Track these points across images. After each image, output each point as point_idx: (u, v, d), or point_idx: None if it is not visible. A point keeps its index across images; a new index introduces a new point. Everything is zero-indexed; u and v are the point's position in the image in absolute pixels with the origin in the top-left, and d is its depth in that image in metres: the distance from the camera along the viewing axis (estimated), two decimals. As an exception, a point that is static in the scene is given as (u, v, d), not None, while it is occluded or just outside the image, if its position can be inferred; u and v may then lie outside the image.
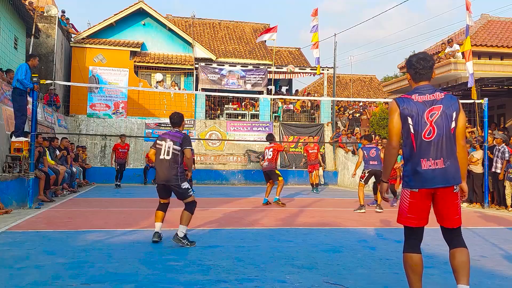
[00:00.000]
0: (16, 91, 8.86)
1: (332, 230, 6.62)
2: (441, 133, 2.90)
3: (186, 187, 5.27)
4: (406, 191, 2.98)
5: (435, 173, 2.87)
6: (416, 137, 2.92)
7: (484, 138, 10.84)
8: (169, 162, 5.18)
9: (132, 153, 17.82)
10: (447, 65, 16.20)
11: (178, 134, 5.35)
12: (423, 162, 2.89)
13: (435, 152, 2.89)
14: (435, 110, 2.91)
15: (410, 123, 2.93)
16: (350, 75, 34.73)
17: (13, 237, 5.52)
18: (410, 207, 2.95)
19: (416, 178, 2.91)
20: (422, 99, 2.95)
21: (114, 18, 19.33)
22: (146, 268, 4.03)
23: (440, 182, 2.87)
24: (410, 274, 2.97)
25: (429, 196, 2.93)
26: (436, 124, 2.90)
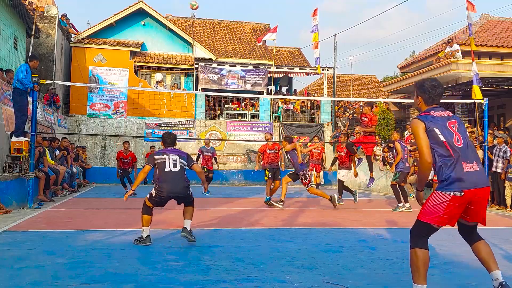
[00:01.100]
0: (16, 91, 8.87)
1: (332, 230, 6.62)
2: (465, 141, 3.15)
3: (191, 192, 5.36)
4: (447, 195, 3.06)
5: (477, 174, 3.08)
6: (448, 143, 3.11)
7: (484, 138, 10.83)
8: (179, 174, 5.08)
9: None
10: (447, 65, 16.20)
11: (180, 151, 5.34)
12: (465, 165, 3.08)
13: (469, 156, 3.12)
14: (453, 123, 3.18)
15: (438, 133, 3.12)
16: (350, 75, 34.72)
17: (13, 237, 5.52)
18: (447, 210, 3.06)
19: (461, 181, 3.03)
20: (440, 115, 3.21)
21: (114, 18, 19.33)
22: (146, 268, 4.03)
23: (482, 183, 3.09)
24: (422, 268, 3.07)
25: (468, 201, 3.08)
26: (460, 133, 3.16)
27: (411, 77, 19.24)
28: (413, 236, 3.18)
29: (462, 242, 5.79)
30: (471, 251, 4.88)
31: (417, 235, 3.17)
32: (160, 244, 5.21)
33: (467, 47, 15.13)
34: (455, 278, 3.94)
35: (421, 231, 3.16)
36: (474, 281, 3.84)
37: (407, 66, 22.55)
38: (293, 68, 20.96)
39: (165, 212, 8.50)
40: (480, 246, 3.19)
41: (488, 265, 3.16)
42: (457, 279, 3.93)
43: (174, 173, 5.08)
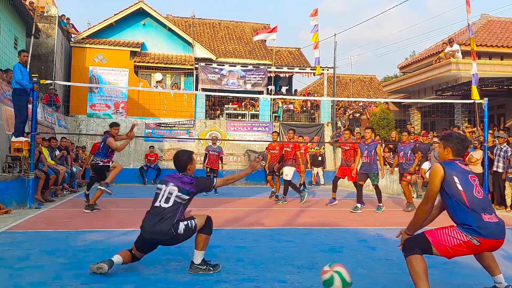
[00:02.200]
0: (16, 91, 8.87)
1: (332, 230, 6.62)
2: (485, 196, 3.23)
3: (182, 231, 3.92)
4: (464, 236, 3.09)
5: (496, 226, 3.11)
6: (466, 193, 3.15)
7: (484, 138, 10.83)
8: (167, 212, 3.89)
9: (132, 153, 17.83)
10: (447, 65, 16.20)
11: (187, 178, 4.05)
12: (483, 215, 3.11)
13: (488, 208, 3.16)
14: (474, 178, 3.27)
15: (457, 181, 3.18)
16: (350, 75, 34.72)
17: (13, 237, 5.52)
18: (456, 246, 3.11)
19: (482, 229, 3.06)
20: (464, 167, 3.30)
21: (114, 18, 19.33)
22: (146, 268, 4.03)
23: (502, 234, 3.13)
24: (423, 274, 3.08)
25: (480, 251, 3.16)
26: (480, 187, 3.23)
27: (411, 77, 19.25)
28: (409, 245, 3.24)
29: (462, 242, 5.78)
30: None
31: (413, 246, 3.21)
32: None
33: (467, 47, 15.13)
34: (455, 278, 3.94)
35: (419, 245, 3.20)
36: (474, 281, 3.84)
37: (407, 66, 22.55)
38: (293, 68, 20.96)
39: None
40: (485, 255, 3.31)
41: (492, 270, 3.33)
42: (457, 279, 3.93)
43: (161, 210, 3.89)
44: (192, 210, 4.30)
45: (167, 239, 3.86)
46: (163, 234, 3.81)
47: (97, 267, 3.78)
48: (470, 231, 3.07)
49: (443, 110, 16.50)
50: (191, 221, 3.93)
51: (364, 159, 9.23)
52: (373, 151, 9.17)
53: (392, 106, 21.56)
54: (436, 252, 3.16)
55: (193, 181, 3.99)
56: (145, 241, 3.94)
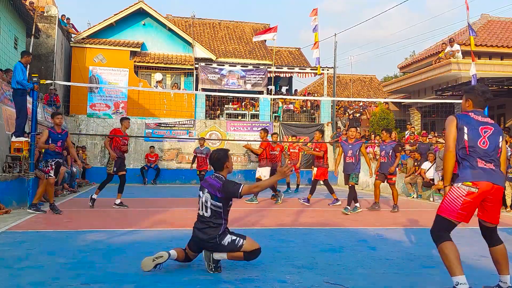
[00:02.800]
0: (17, 91, 8.88)
1: (332, 230, 6.62)
2: (492, 147, 3.36)
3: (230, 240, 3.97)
4: (463, 189, 3.28)
5: (491, 172, 3.28)
6: (469, 141, 3.34)
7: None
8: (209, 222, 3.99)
9: (132, 153, 17.82)
10: (447, 65, 16.20)
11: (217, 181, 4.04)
12: (480, 161, 3.31)
13: (487, 157, 3.33)
14: (487, 129, 3.40)
15: (465, 132, 3.37)
16: (350, 75, 34.72)
17: (13, 237, 5.52)
18: (464, 204, 3.24)
19: (477, 174, 3.27)
20: (477, 118, 3.43)
21: (114, 18, 19.33)
22: (146, 268, 4.03)
23: (497, 181, 3.27)
24: (453, 259, 3.18)
25: (485, 195, 3.26)
26: (489, 139, 3.37)
27: (411, 77, 19.25)
28: (435, 232, 3.34)
29: (462, 242, 5.79)
30: (472, 251, 4.89)
31: (438, 230, 3.32)
32: (160, 244, 5.20)
33: (467, 47, 15.13)
34: (455, 278, 3.94)
35: (441, 226, 3.31)
36: (474, 281, 3.84)
37: (407, 66, 22.55)
38: (293, 68, 20.96)
39: (165, 212, 8.51)
40: (498, 249, 3.40)
41: (501, 268, 3.37)
42: (457, 279, 3.92)
43: (204, 219, 4.00)
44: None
45: (210, 246, 3.94)
46: (207, 241, 3.93)
47: (155, 257, 3.90)
48: (467, 177, 3.28)
49: (443, 110, 16.51)
50: (239, 239, 3.96)
51: (349, 159, 8.96)
52: (358, 151, 8.94)
53: (392, 106, 21.56)
54: (456, 221, 3.28)
55: (220, 187, 3.96)
56: (194, 242, 4.05)
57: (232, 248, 3.91)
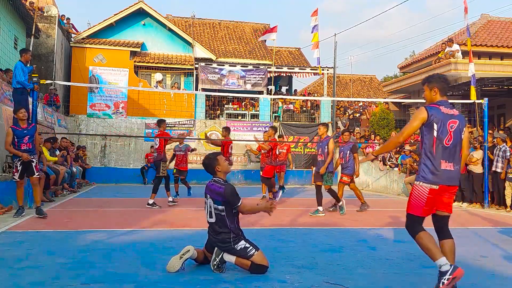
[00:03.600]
0: (17, 90, 8.86)
1: (332, 230, 6.62)
2: (455, 142, 3.47)
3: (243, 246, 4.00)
4: (426, 188, 3.44)
5: (451, 173, 3.45)
6: (437, 141, 3.44)
7: (484, 138, 10.84)
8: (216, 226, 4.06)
9: (132, 153, 17.84)
10: (447, 65, 16.20)
11: (218, 187, 4.06)
12: (443, 163, 3.44)
13: (450, 156, 3.46)
14: (453, 123, 3.48)
15: (435, 128, 3.44)
16: (350, 75, 34.73)
17: (13, 237, 5.52)
18: (428, 201, 3.44)
19: (438, 176, 3.42)
20: (446, 112, 3.49)
21: (114, 18, 19.33)
22: (146, 268, 4.03)
23: (453, 182, 3.47)
24: (431, 245, 3.37)
25: (443, 192, 3.45)
26: (454, 134, 3.47)
27: (411, 77, 19.24)
28: (409, 228, 3.54)
29: (461, 242, 5.79)
30: (472, 251, 4.89)
31: (411, 226, 3.52)
32: (160, 244, 5.20)
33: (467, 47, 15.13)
34: (455, 278, 3.94)
35: (413, 221, 3.52)
36: (474, 281, 3.84)
37: (407, 66, 22.55)
38: (293, 68, 20.96)
39: (165, 212, 8.51)
40: (446, 243, 3.52)
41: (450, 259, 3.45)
42: (457, 279, 3.92)
43: (212, 225, 4.09)
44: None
45: (224, 248, 3.98)
46: (222, 242, 3.99)
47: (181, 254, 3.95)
48: (428, 179, 3.43)
49: (443, 110, 16.48)
50: (251, 249, 3.96)
51: (319, 157, 8.56)
52: (326, 147, 8.40)
53: (392, 106, 21.57)
54: (423, 216, 3.48)
55: (222, 191, 3.99)
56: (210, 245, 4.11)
57: (242, 254, 3.94)
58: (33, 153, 7.39)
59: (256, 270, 3.91)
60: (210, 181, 4.17)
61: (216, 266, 3.94)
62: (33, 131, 7.42)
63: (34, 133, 7.43)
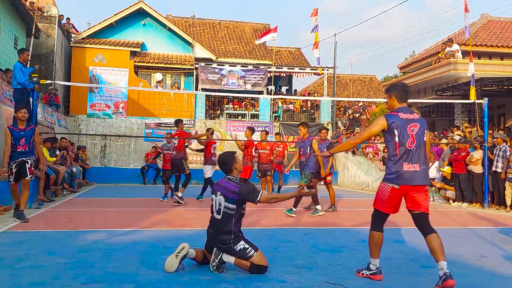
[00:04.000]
0: (18, 91, 8.86)
1: (332, 230, 6.61)
2: (418, 144, 3.71)
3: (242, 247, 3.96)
4: (388, 186, 3.74)
5: (415, 174, 3.67)
6: (400, 145, 3.69)
7: (484, 138, 10.84)
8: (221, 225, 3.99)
9: (132, 153, 17.84)
10: (447, 65, 16.19)
11: (231, 184, 4.05)
12: (405, 164, 3.67)
13: (414, 158, 3.68)
14: (414, 127, 3.72)
15: (396, 134, 3.70)
16: (350, 75, 34.73)
17: (13, 237, 5.52)
18: (389, 199, 3.74)
19: (399, 177, 3.67)
20: (405, 117, 3.74)
21: (114, 18, 19.33)
22: (146, 268, 4.03)
23: (418, 181, 3.67)
24: (374, 247, 3.81)
25: (405, 192, 3.70)
26: (416, 137, 3.70)
27: (411, 77, 19.24)
28: (372, 220, 3.88)
29: (461, 242, 5.79)
30: (472, 251, 4.89)
31: (373, 219, 3.87)
32: (160, 244, 5.20)
33: (467, 47, 15.13)
34: (455, 278, 3.94)
35: (376, 216, 3.85)
36: (474, 281, 3.84)
37: (407, 66, 22.55)
38: (293, 68, 20.96)
39: (165, 212, 8.51)
40: (432, 238, 3.63)
41: (436, 256, 3.56)
42: (457, 279, 3.92)
43: (216, 221, 4.02)
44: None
45: (224, 248, 3.95)
46: (222, 243, 3.95)
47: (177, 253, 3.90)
48: (390, 180, 3.71)
49: (443, 110, 16.51)
50: (251, 249, 3.92)
51: (301, 157, 8.50)
52: (308, 147, 8.26)
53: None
54: (385, 212, 3.79)
55: (236, 190, 3.97)
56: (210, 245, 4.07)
57: (241, 255, 3.91)
58: (30, 155, 7.07)
59: (256, 271, 3.90)
60: (223, 178, 4.14)
61: (215, 267, 3.93)
62: (31, 133, 7.09)
63: (32, 135, 7.10)
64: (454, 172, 11.13)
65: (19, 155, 6.91)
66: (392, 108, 3.86)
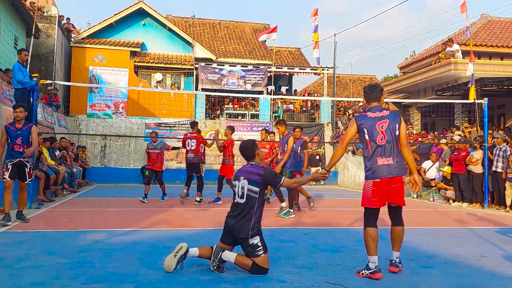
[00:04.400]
0: (18, 91, 8.86)
1: (332, 230, 6.61)
2: (389, 139, 3.93)
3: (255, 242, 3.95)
4: (369, 182, 3.97)
5: (389, 166, 3.92)
6: (370, 142, 3.96)
7: (484, 138, 10.84)
8: (244, 209, 4.00)
9: (132, 153, 17.84)
10: (447, 65, 16.19)
11: (255, 168, 4.12)
12: (379, 159, 3.93)
13: (386, 152, 3.93)
14: (383, 123, 3.96)
15: (365, 132, 3.98)
16: (350, 75, 34.72)
17: (13, 237, 5.52)
18: (373, 193, 3.95)
19: (376, 171, 3.93)
20: (374, 116, 4.01)
21: (114, 18, 19.33)
22: (146, 268, 4.03)
23: (393, 173, 3.92)
24: (370, 243, 3.94)
25: (386, 184, 3.93)
26: (386, 132, 3.94)
27: (411, 77, 19.24)
28: (364, 219, 4.05)
29: (461, 242, 5.79)
30: (472, 251, 4.89)
31: (365, 218, 4.04)
32: (160, 244, 5.20)
33: (467, 47, 15.14)
34: (455, 278, 3.94)
35: (366, 214, 4.03)
36: (474, 281, 3.84)
37: (407, 66, 22.55)
38: (293, 68, 20.96)
39: (165, 212, 8.51)
40: (396, 229, 4.08)
41: (393, 245, 4.11)
42: (457, 279, 3.93)
43: (239, 206, 4.04)
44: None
45: (240, 238, 3.95)
46: (239, 231, 3.95)
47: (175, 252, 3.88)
48: (370, 175, 3.95)
49: (443, 110, 16.52)
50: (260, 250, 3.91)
51: (280, 155, 8.49)
52: (285, 145, 8.15)
53: (392, 106, 21.55)
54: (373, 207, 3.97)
55: (261, 172, 4.06)
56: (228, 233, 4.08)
57: (249, 251, 3.91)
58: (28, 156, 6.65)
59: (256, 271, 3.88)
60: (246, 165, 4.22)
61: (215, 267, 3.92)
62: (28, 132, 6.65)
63: (29, 134, 6.66)
64: (454, 172, 11.14)
65: (16, 154, 6.56)
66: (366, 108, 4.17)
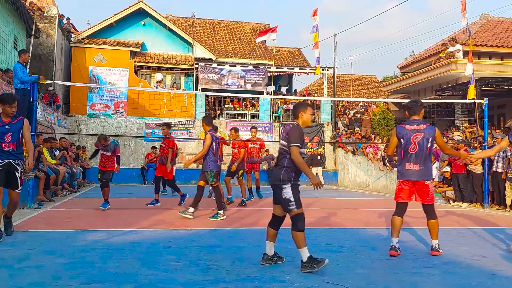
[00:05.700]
0: (19, 91, 8.86)
1: (332, 230, 6.61)
2: (420, 149, 4.81)
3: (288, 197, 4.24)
4: (399, 182, 4.98)
5: (415, 172, 4.83)
6: (404, 150, 4.88)
7: (484, 138, 10.83)
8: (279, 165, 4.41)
9: (132, 153, 17.83)
10: (447, 65, 16.20)
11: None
12: (407, 165, 4.87)
13: (415, 160, 4.83)
14: (418, 135, 4.83)
15: (402, 141, 4.90)
16: (350, 75, 34.71)
17: (13, 237, 5.52)
18: (400, 191, 4.96)
19: (404, 174, 4.90)
20: (411, 128, 4.90)
21: (114, 18, 19.33)
22: (146, 268, 4.03)
23: (417, 178, 4.83)
24: (392, 228, 4.91)
25: (412, 185, 4.88)
26: (418, 143, 4.81)
27: (411, 77, 19.25)
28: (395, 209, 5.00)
29: (462, 242, 5.80)
30: (472, 251, 4.91)
31: (395, 208, 5.00)
32: (160, 244, 5.20)
33: (467, 47, 15.15)
34: (455, 278, 3.95)
35: (396, 205, 5.01)
36: (474, 281, 3.84)
37: (407, 66, 22.56)
38: (293, 68, 20.96)
39: (165, 212, 8.51)
40: (430, 222, 4.92)
41: (431, 235, 4.94)
42: (457, 279, 3.93)
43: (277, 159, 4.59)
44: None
45: (275, 185, 4.31)
46: (275, 178, 4.31)
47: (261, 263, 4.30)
48: (399, 176, 4.96)
49: (443, 110, 16.52)
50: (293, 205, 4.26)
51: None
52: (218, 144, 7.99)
53: (392, 106, 21.57)
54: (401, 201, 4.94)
55: (288, 128, 4.49)
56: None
57: (283, 203, 4.26)
58: (19, 158, 5.44)
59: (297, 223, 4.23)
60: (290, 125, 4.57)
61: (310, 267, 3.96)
62: (19, 127, 5.38)
63: (21, 129, 5.40)
64: (453, 172, 11.13)
65: (4, 154, 5.30)
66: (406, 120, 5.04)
